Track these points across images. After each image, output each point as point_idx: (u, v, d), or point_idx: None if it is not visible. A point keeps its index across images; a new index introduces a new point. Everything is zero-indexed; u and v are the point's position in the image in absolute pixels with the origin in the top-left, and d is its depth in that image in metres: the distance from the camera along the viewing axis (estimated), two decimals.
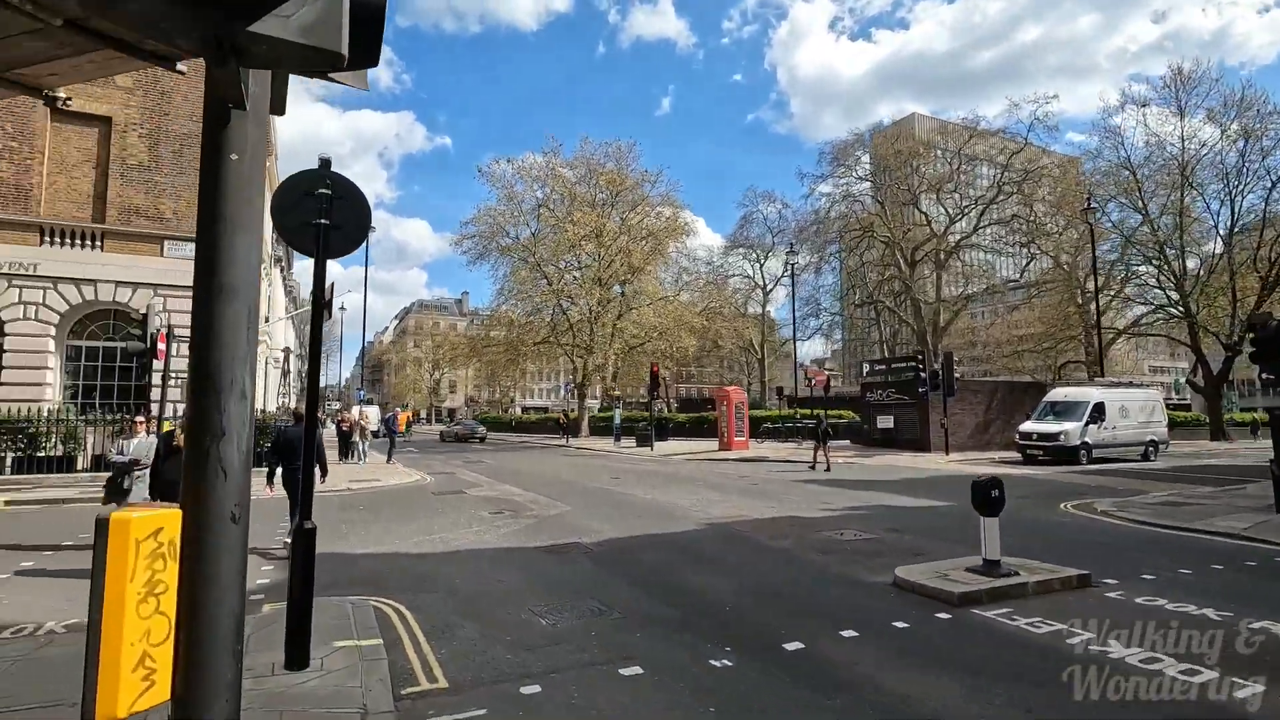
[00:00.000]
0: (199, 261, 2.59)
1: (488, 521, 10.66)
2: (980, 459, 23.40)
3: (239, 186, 2.60)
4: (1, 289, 16.42)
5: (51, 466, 15.23)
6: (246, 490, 2.65)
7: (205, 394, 2.55)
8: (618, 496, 13.51)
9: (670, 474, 18.37)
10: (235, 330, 2.57)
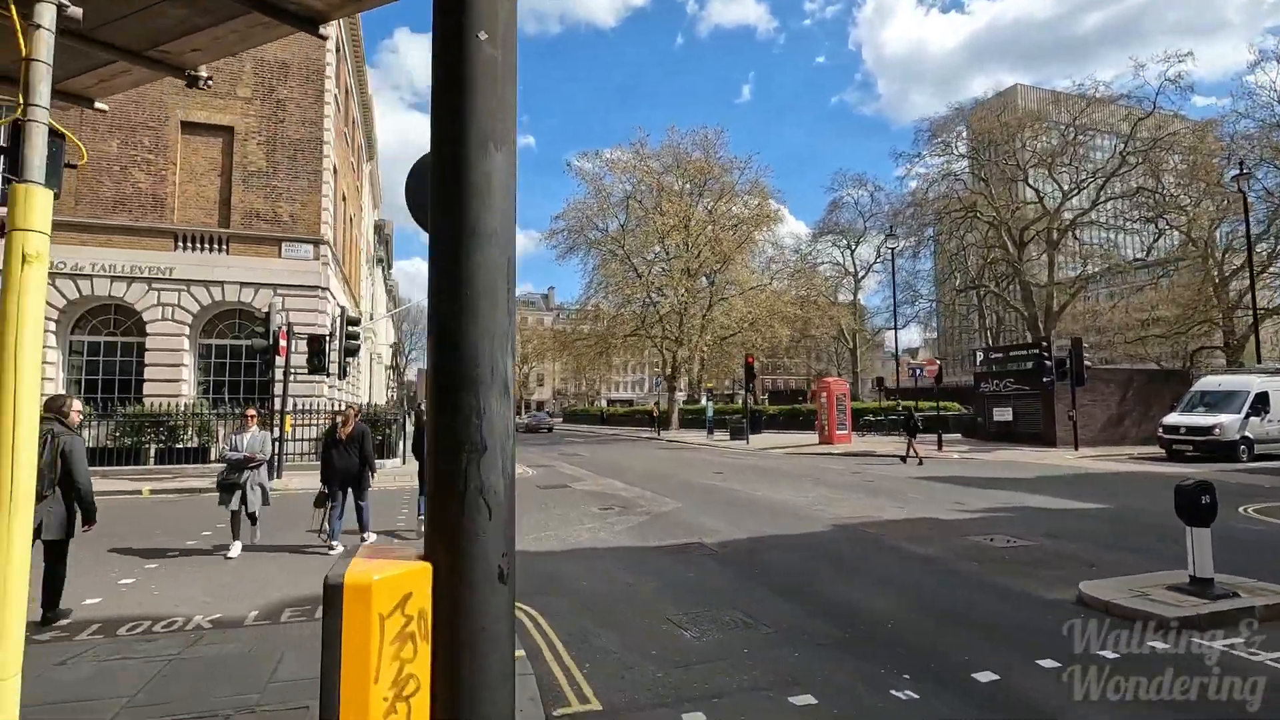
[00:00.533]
0: (434, 194, 1.88)
1: (599, 518, 10.38)
2: (1116, 454, 21.31)
3: (489, 80, 1.81)
4: (143, 292, 17.66)
5: (188, 457, 16.24)
6: (513, 532, 1.98)
7: (455, 388, 1.76)
8: (727, 493, 12.96)
9: (774, 469, 17.64)
10: (492, 293, 1.79)
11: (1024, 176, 48.57)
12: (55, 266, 16.91)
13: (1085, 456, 20.70)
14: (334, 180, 20.82)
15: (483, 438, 1.79)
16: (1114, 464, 18.74)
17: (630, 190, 38.90)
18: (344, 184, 23.83)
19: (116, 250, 17.53)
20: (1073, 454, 21.28)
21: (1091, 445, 23.26)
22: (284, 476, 14.82)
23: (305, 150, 19.11)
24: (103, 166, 17.63)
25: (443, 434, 1.79)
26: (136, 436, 16.04)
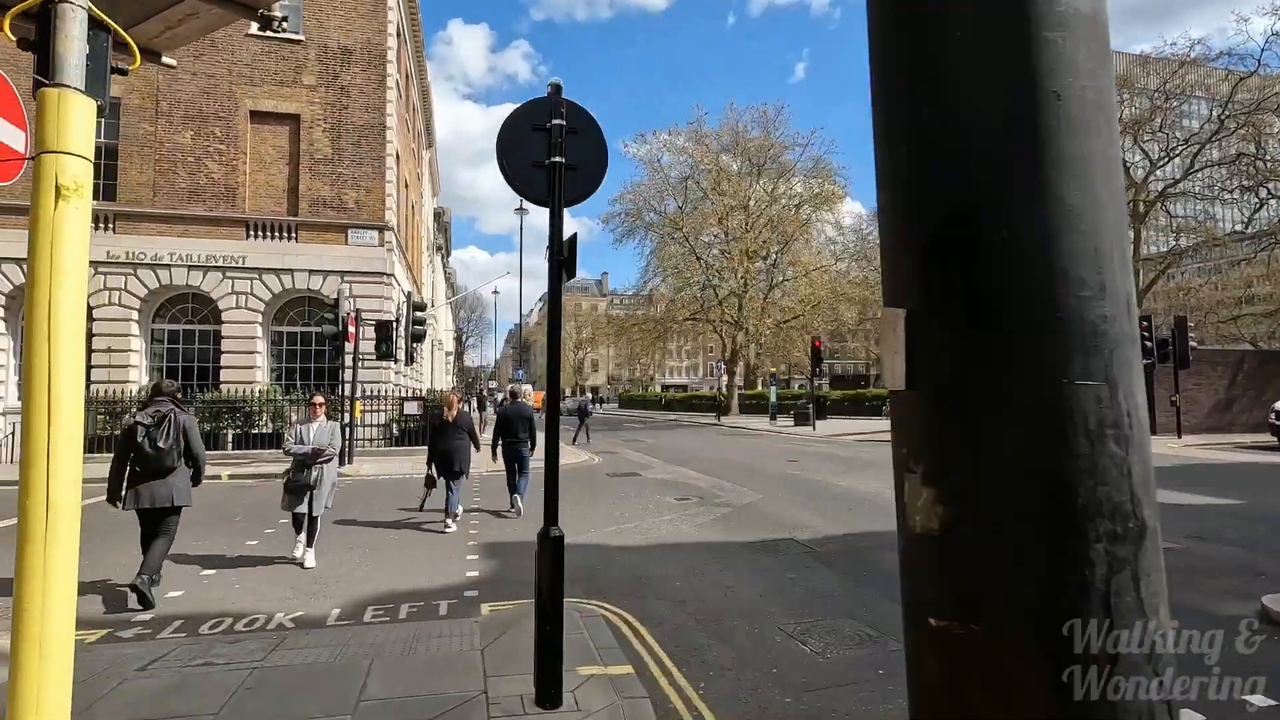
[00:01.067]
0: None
1: (677, 509, 9.85)
2: (1223, 443, 19.58)
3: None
4: (218, 280, 17.99)
5: (263, 443, 16.50)
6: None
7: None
8: (808, 483, 12.26)
9: (852, 457, 16.78)
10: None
11: None
12: (135, 256, 17.39)
13: (1190, 445, 19.07)
14: (397, 166, 20.78)
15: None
16: (1225, 454, 17.16)
17: (688, 171, 38.01)
18: (406, 170, 23.84)
19: (192, 240, 17.88)
20: (1177, 442, 19.63)
21: (1195, 433, 21.47)
22: (354, 462, 14.84)
23: (369, 136, 19.07)
24: (178, 158, 17.97)
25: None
26: (215, 422, 16.38)
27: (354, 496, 11.07)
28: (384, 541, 7.75)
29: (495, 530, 8.48)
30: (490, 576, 6.38)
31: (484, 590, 5.93)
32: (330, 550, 7.31)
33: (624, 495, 11.14)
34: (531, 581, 5.71)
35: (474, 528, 8.78)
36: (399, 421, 17.91)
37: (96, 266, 17.28)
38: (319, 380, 18.87)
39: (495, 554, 7.23)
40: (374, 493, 11.60)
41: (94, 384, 16.96)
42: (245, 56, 18.46)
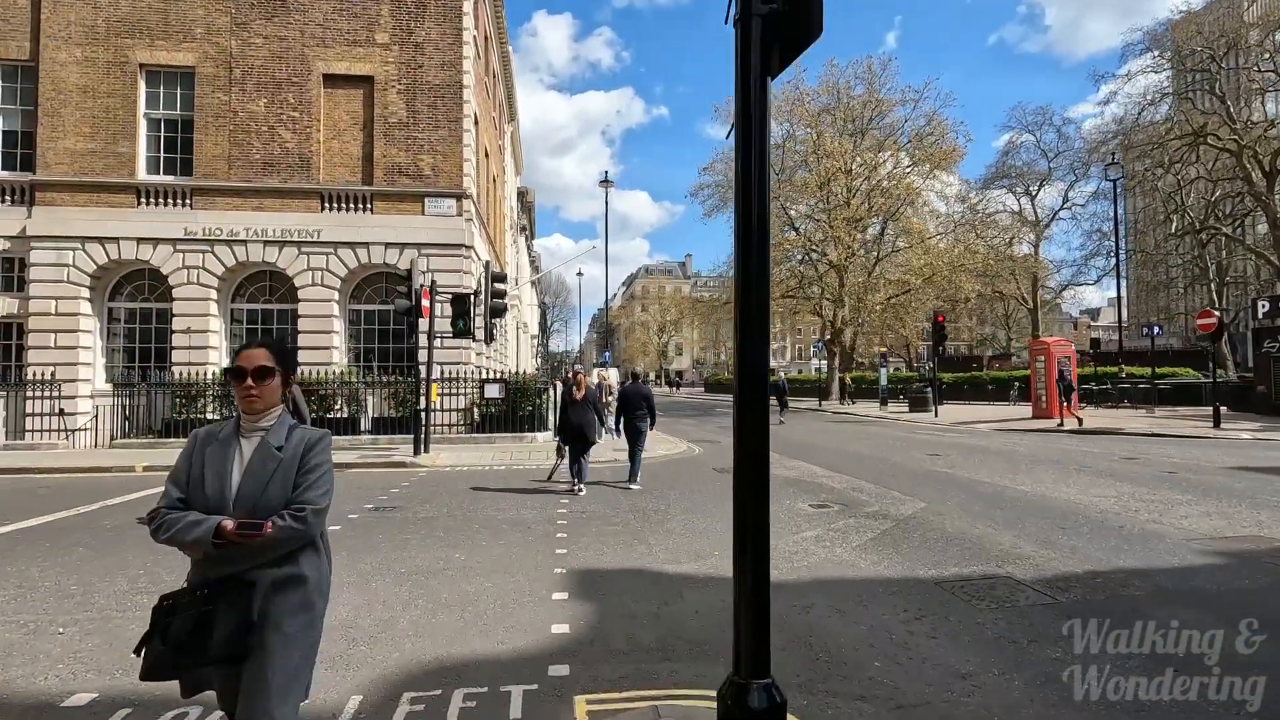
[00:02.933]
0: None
1: (818, 521, 7.60)
2: None
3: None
4: (294, 256, 17.03)
5: (340, 428, 15.41)
6: None
7: None
8: (969, 484, 9.68)
9: (1004, 450, 13.90)
10: None
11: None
12: (212, 233, 16.61)
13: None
14: (475, 131, 19.24)
15: None
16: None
17: (785, 135, 34.95)
18: (486, 139, 22.37)
19: (267, 214, 16.98)
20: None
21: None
22: (430, 451, 13.40)
23: (445, 97, 17.56)
24: (252, 128, 17.07)
25: None
26: None
27: (423, 493, 9.46)
28: (446, 566, 5.94)
29: (591, 542, 6.54)
30: (586, 632, 4.40)
31: (577, 661, 3.94)
32: (375, 579, 5.56)
33: None
34: (649, 647, 3.75)
35: (562, 533, 6.87)
36: (480, 406, 16.43)
37: (175, 244, 16.67)
38: (397, 362, 17.70)
39: (591, 589, 5.26)
40: (446, 489, 9.98)
41: (175, 366, 16.39)
42: (317, 16, 17.29)
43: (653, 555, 6.21)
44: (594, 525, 7.45)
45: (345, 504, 8.67)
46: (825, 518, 7.76)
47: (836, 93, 34.95)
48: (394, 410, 15.86)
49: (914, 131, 34.21)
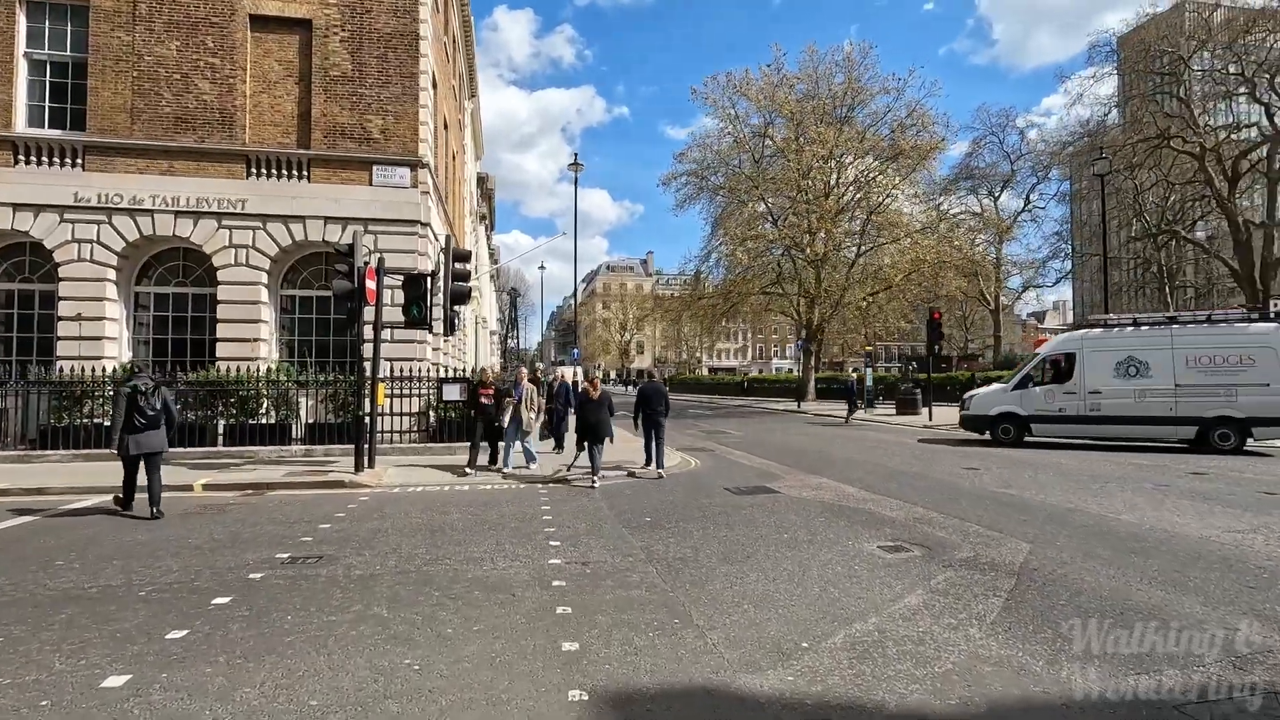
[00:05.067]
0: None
1: (905, 574, 5.57)
2: None
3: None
4: (212, 230, 14.28)
5: (265, 436, 12.80)
6: None
7: None
8: (1056, 512, 7.82)
9: (1044, 464, 12.20)
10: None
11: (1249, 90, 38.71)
12: (109, 200, 13.76)
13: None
14: (433, 93, 16.75)
15: None
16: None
17: (762, 123, 33.15)
18: (445, 108, 19.84)
19: (180, 179, 14.18)
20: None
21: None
22: (377, 466, 10.96)
23: (398, 49, 15.03)
24: (161, 76, 14.24)
25: None
26: (202, 410, 12.70)
27: (363, 530, 7.08)
28: (388, 690, 3.67)
29: (610, 623, 4.34)
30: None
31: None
32: (338, 655, 3.25)
33: (786, 539, 6.89)
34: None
35: (564, 604, 4.63)
36: (437, 409, 13.99)
37: (62, 212, 13.74)
38: (340, 357, 15.11)
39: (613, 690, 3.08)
40: (395, 523, 7.62)
41: (61, 360, 13.48)
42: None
43: (711, 651, 4.05)
44: (606, 588, 5.25)
45: (250, 551, 6.27)
46: (913, 570, 5.73)
47: (815, 80, 33.37)
48: (333, 415, 13.29)
49: (895, 123, 32.85)
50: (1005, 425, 15.70)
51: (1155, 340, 14.35)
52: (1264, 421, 13.43)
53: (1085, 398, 14.69)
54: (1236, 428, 13.60)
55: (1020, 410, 15.54)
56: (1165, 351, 14.15)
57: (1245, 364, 13.57)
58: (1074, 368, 14.91)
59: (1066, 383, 14.94)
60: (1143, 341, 14.46)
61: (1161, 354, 14.17)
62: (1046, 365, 15.60)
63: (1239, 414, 13.54)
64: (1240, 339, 13.79)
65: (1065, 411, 14.93)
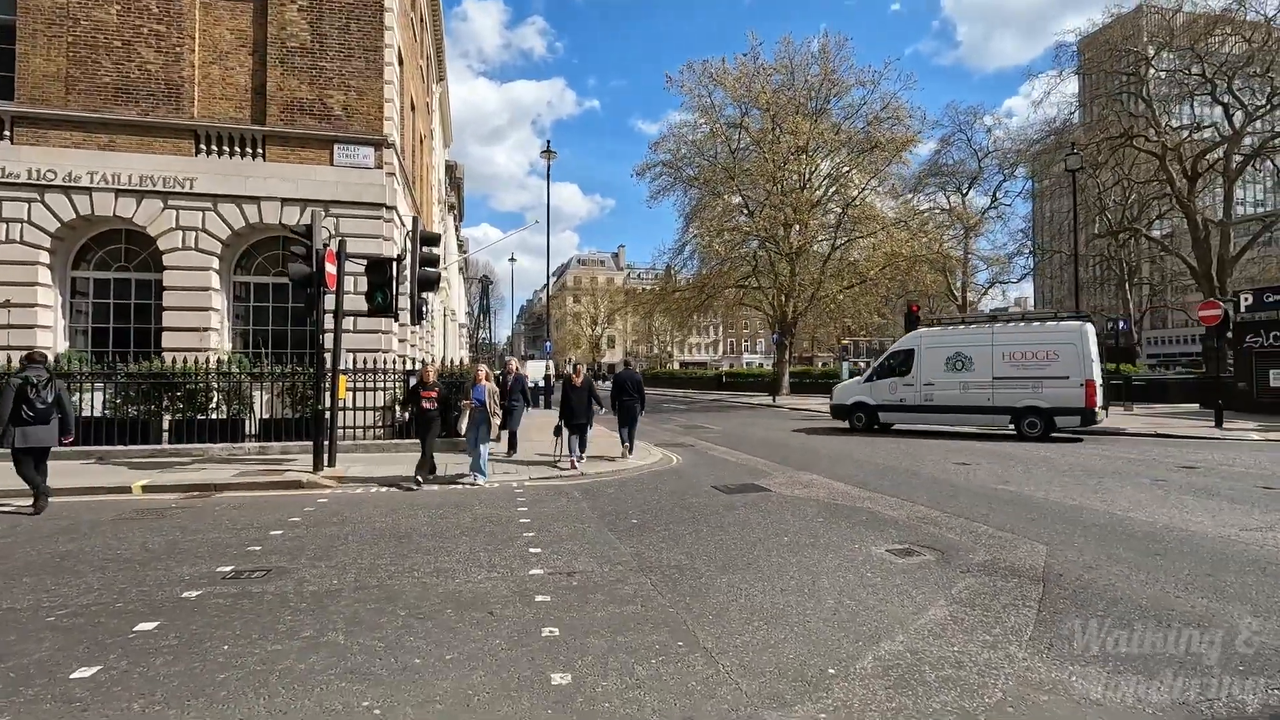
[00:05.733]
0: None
1: (923, 581, 5.09)
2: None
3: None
4: (157, 210, 13.25)
5: (215, 433, 11.88)
6: None
7: None
8: (1065, 511, 7.44)
9: (1035, 459, 11.93)
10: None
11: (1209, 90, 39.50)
12: (42, 176, 12.65)
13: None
14: (399, 70, 15.87)
15: None
16: None
17: (741, 112, 32.69)
18: (412, 88, 18.91)
19: (122, 155, 13.12)
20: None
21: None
22: (338, 464, 10.19)
23: (361, 19, 14.12)
24: (100, 42, 13.14)
25: None
26: (145, 404, 11.72)
27: (320, 537, 6.35)
28: (377, 674, 3.04)
29: (605, 646, 3.75)
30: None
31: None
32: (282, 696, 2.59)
33: (787, 542, 6.37)
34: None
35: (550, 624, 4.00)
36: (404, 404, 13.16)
37: None
38: (299, 348, 14.20)
39: None
40: (357, 529, 6.92)
41: None
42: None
43: (726, 681, 3.48)
44: (596, 603, 4.65)
45: (188, 564, 5.53)
46: (929, 576, 5.25)
47: (792, 71, 33.01)
48: (290, 410, 12.41)
49: (871, 115, 32.67)
50: (859, 414, 17.26)
51: (979, 338, 15.74)
52: (1063, 412, 14.51)
53: (921, 389, 16.17)
54: (1043, 417, 14.69)
55: (870, 400, 17.03)
56: (986, 348, 15.47)
57: (1050, 359, 14.72)
58: (913, 362, 16.36)
59: (907, 375, 16.40)
60: (969, 339, 15.86)
61: (983, 350, 15.48)
62: (891, 360, 17.01)
63: (1044, 404, 14.67)
64: (1048, 336, 15.05)
65: (905, 401, 16.42)
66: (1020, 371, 14.98)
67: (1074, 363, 14.47)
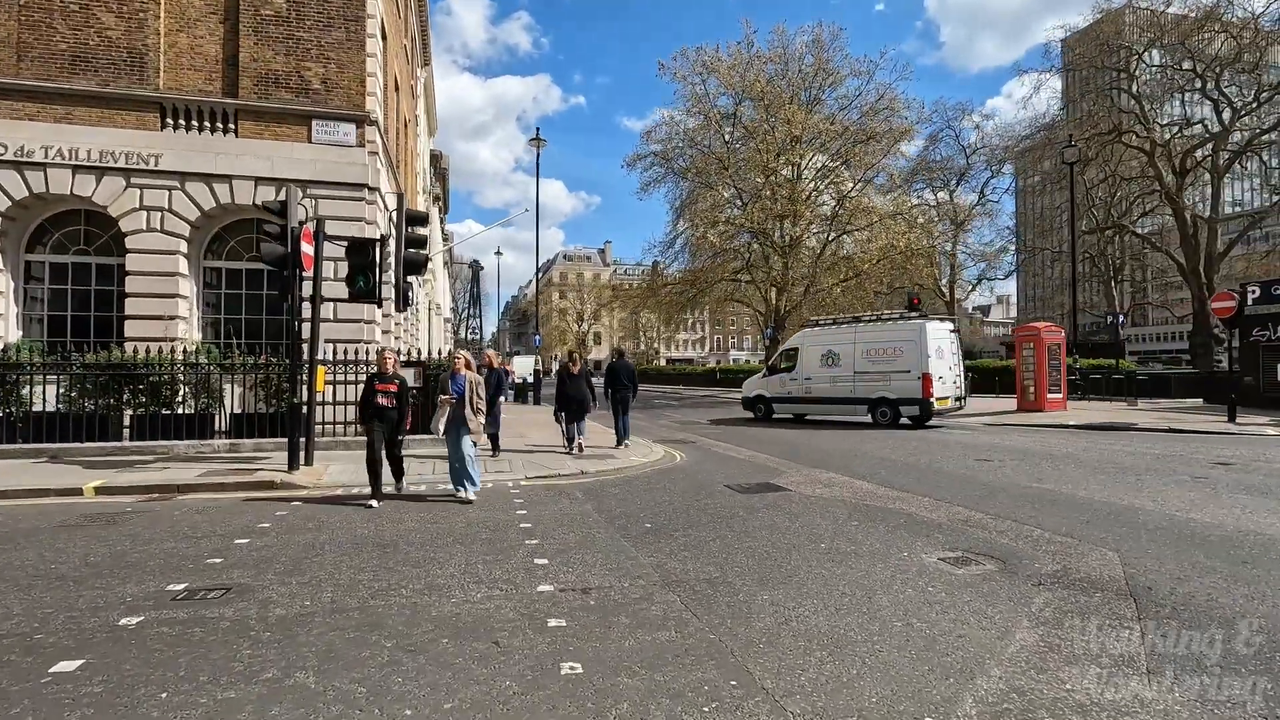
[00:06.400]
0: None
1: (995, 597, 4.40)
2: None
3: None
4: (119, 189, 12.26)
5: (183, 429, 10.95)
6: None
7: None
8: (1118, 511, 6.80)
9: (1059, 455, 11.34)
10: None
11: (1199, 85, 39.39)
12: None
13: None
14: (382, 45, 14.96)
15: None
16: None
17: (735, 102, 31.99)
18: (395, 67, 17.97)
19: (80, 129, 12.12)
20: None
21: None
22: (316, 463, 9.33)
23: None
24: (55, 6, 12.13)
25: None
26: (103, 397, 10.77)
27: (291, 547, 5.53)
28: None
29: (639, 685, 3.00)
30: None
31: None
32: None
33: (825, 550, 5.66)
34: None
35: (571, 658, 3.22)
36: None
37: None
38: (275, 339, 13.28)
39: None
40: (333, 536, 6.11)
41: None
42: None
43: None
44: (621, 628, 3.90)
45: (133, 582, 4.70)
46: (999, 590, 4.55)
47: (785, 61, 32.36)
48: (264, 404, 11.51)
49: (865, 106, 32.11)
50: (759, 405, 19.12)
51: (845, 337, 17.32)
52: (906, 402, 15.91)
53: (803, 382, 17.90)
54: (891, 407, 16.17)
55: (767, 393, 18.90)
56: (850, 345, 17.03)
57: (897, 355, 16.14)
58: (797, 359, 18.16)
59: (793, 371, 18.16)
60: (838, 338, 17.50)
61: (848, 348, 17.05)
62: (782, 358, 18.89)
63: (892, 395, 16.15)
64: (895, 334, 16.47)
65: (792, 393, 18.17)
66: (875, 366, 16.49)
67: (915, 358, 15.72)
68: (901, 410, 16.00)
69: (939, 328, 16.41)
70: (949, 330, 16.83)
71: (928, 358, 15.57)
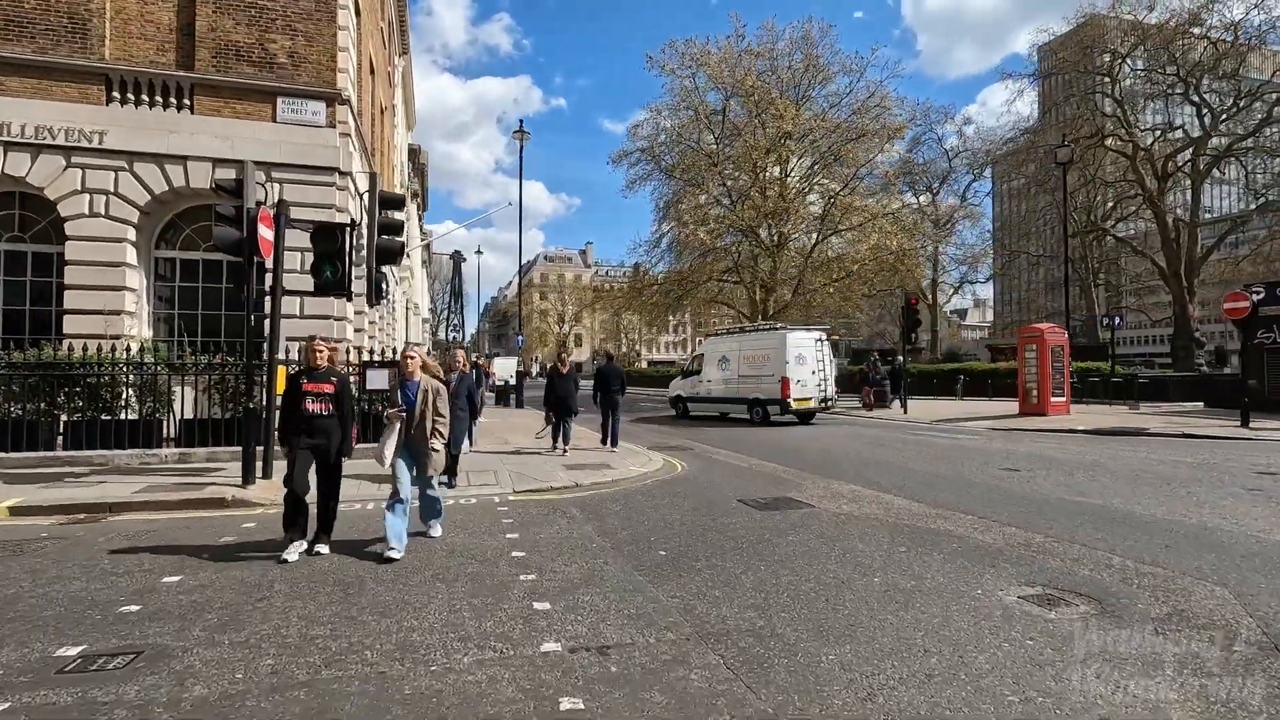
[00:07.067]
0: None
1: (1090, 645, 3.52)
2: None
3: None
4: (58, 169, 11.03)
5: (125, 436, 9.75)
6: None
7: None
8: (1190, 531, 5.99)
9: (1090, 464, 10.58)
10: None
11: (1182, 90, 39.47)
12: None
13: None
14: (356, 21, 13.86)
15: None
16: None
17: (724, 97, 31.19)
18: (371, 48, 16.85)
19: (13, 101, 10.88)
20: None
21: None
22: (274, 476, 8.24)
23: None
24: None
25: None
26: (34, 401, 9.53)
27: (232, 588, 4.47)
28: None
29: None
30: None
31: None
32: None
33: (879, 586, 4.75)
34: None
35: None
36: (360, 401, 11.21)
37: None
38: (235, 336, 12.09)
39: None
40: (287, 571, 5.07)
41: None
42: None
43: None
44: (656, 709, 2.93)
45: (13, 643, 3.64)
46: (1113, 643, 3.67)
47: (775, 57, 31.65)
48: (220, 408, 10.35)
49: (856, 104, 31.53)
50: (679, 404, 21.44)
51: (734, 345, 19.55)
52: (771, 402, 17.79)
53: (704, 384, 20.28)
54: (762, 406, 18.07)
55: (684, 393, 21.23)
56: (736, 352, 19.20)
57: (765, 360, 18.15)
58: (702, 364, 20.54)
59: (699, 374, 20.53)
60: (730, 345, 19.71)
61: (735, 354, 19.23)
62: (694, 361, 21.43)
63: (762, 396, 18.08)
64: (764, 342, 18.57)
65: (699, 394, 20.51)
66: (752, 370, 18.54)
67: (778, 364, 17.63)
68: (768, 409, 17.83)
69: (802, 337, 18.14)
70: (815, 339, 18.33)
71: (787, 364, 17.43)
